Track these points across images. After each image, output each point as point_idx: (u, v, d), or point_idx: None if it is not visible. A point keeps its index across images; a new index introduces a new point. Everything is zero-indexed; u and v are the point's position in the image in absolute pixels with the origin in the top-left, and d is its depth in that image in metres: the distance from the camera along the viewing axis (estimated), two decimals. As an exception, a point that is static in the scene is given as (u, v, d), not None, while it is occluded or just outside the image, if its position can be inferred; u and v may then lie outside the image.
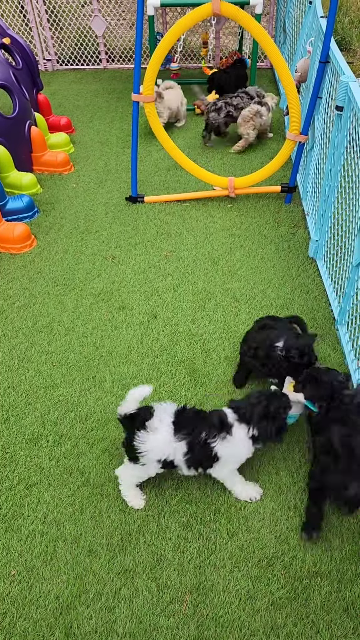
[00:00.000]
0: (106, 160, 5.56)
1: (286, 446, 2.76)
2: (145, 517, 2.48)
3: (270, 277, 3.91)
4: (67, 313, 3.65)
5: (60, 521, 2.48)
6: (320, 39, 4.03)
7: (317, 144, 4.12)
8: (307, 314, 3.57)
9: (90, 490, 2.60)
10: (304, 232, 4.38)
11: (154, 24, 6.07)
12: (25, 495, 2.58)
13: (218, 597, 2.22)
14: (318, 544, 2.37)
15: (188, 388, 3.09)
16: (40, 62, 7.94)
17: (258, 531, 2.42)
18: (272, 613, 2.16)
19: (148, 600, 2.21)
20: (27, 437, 2.85)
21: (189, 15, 3.89)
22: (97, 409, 2.99)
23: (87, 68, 8.10)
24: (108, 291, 3.82)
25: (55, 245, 4.32)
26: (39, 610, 2.19)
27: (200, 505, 2.53)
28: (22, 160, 5.06)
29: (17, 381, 3.17)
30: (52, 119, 5.95)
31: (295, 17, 6.15)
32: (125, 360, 3.28)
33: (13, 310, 3.68)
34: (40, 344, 3.41)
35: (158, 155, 5.55)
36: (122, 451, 2.73)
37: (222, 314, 3.60)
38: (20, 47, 5.34)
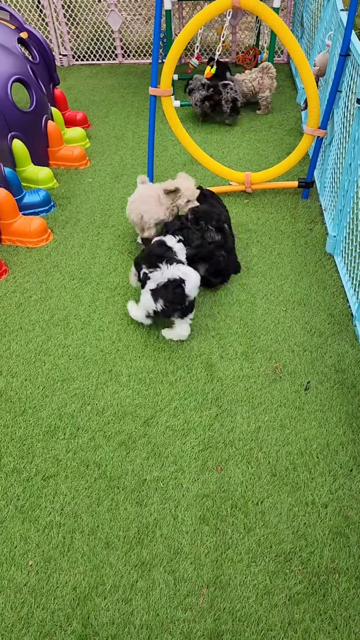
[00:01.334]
0: (122, 155, 5.56)
1: (303, 441, 2.75)
2: (161, 510, 2.49)
3: (287, 273, 3.88)
4: (83, 307, 3.66)
5: (77, 513, 2.49)
6: (340, 33, 3.99)
7: (336, 138, 4.08)
8: (325, 310, 3.54)
9: (106, 482, 2.60)
10: (321, 227, 4.35)
11: (170, 18, 6.04)
12: (43, 487, 2.60)
13: (235, 591, 2.21)
14: (336, 540, 2.35)
15: (205, 383, 3.09)
16: (56, 57, 7.95)
17: (275, 526, 2.41)
18: (290, 608, 2.15)
19: (165, 593, 2.21)
20: (44, 430, 2.86)
21: (207, 9, 3.87)
22: (114, 402, 3.00)
23: (103, 63, 8.10)
24: (124, 285, 3.82)
25: (71, 239, 4.33)
26: (56, 600, 2.20)
27: (216, 500, 2.52)
28: (39, 154, 5.07)
29: (34, 374, 3.18)
30: (68, 113, 5.96)
31: (313, 11, 6.09)
32: (141, 355, 3.28)
33: (30, 303, 3.70)
34: (57, 337, 3.42)
35: (174, 150, 5.54)
36: (138, 443, 2.74)
37: (238, 309, 3.58)
38: (37, 41, 5.35)
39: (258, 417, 2.89)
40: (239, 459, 2.69)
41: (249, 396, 3.01)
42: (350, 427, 2.81)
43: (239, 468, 2.65)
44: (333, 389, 3.03)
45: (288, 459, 2.68)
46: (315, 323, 3.45)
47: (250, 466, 2.65)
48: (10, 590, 2.23)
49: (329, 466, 2.64)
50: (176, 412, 2.93)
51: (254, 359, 3.22)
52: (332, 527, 2.40)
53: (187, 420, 2.89)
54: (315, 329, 3.41)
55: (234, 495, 2.54)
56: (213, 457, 2.70)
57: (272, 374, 3.13)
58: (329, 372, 3.12)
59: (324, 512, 2.46)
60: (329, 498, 2.51)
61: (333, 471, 2.62)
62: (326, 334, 3.37)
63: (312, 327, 3.42)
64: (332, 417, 2.87)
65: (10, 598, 2.21)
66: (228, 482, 2.59)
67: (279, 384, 3.07)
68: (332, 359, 3.20)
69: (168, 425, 2.86)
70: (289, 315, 3.52)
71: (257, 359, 3.23)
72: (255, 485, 2.58)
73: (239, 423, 2.86)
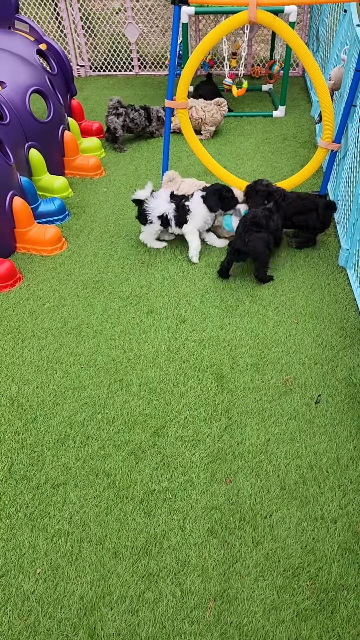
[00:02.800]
0: (136, 165, 5.61)
1: (313, 455, 2.74)
2: (170, 522, 2.48)
3: (299, 285, 3.88)
4: (95, 315, 3.68)
5: (85, 522, 2.50)
6: (355, 47, 4.01)
7: (350, 152, 4.09)
8: (336, 323, 3.53)
9: (115, 492, 2.61)
10: (334, 240, 4.35)
11: (187, 31, 6.11)
12: (52, 495, 2.61)
13: (242, 605, 2.20)
14: (345, 556, 2.34)
15: (215, 394, 3.09)
16: (74, 68, 8.07)
17: (284, 540, 2.40)
18: (297, 624, 2.14)
19: (172, 605, 2.20)
20: (55, 437, 2.88)
21: (225, 23, 3.91)
22: (124, 411, 3.01)
23: (120, 74, 8.20)
24: (137, 295, 3.85)
25: (85, 248, 4.37)
26: (63, 609, 2.20)
27: (225, 512, 2.52)
28: (55, 163, 5.14)
29: (46, 381, 3.21)
30: (85, 124, 6.03)
31: (329, 25, 6.13)
32: (152, 364, 3.30)
33: (43, 311, 3.73)
34: (69, 346, 3.45)
35: (188, 161, 5.58)
36: (148, 453, 2.75)
37: (249, 321, 3.59)
38: (55, 53, 5.43)
39: (268, 430, 2.88)
40: (248, 472, 2.68)
41: (259, 408, 3.01)
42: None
43: (248, 480, 2.64)
44: (344, 402, 3.01)
45: (297, 472, 2.67)
46: (326, 336, 3.45)
47: (260, 479, 2.65)
48: (17, 597, 2.24)
49: (338, 481, 2.62)
50: (186, 423, 2.94)
51: (264, 371, 3.22)
52: (341, 542, 2.38)
53: (196, 431, 2.89)
54: (326, 342, 3.41)
55: (243, 508, 2.53)
56: (222, 469, 2.70)
57: (283, 387, 3.13)
58: (340, 386, 3.11)
59: (333, 527, 2.44)
60: (339, 513, 2.49)
61: (343, 486, 2.60)
62: (337, 347, 3.36)
63: (324, 340, 3.42)
64: (343, 432, 2.86)
65: (18, 606, 2.22)
66: (237, 495, 2.58)
67: (290, 397, 3.06)
68: (343, 372, 3.19)
69: (178, 435, 2.87)
70: (300, 327, 3.52)
71: (268, 371, 3.22)
72: (264, 498, 2.57)
73: (249, 435, 2.86)
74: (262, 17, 3.79)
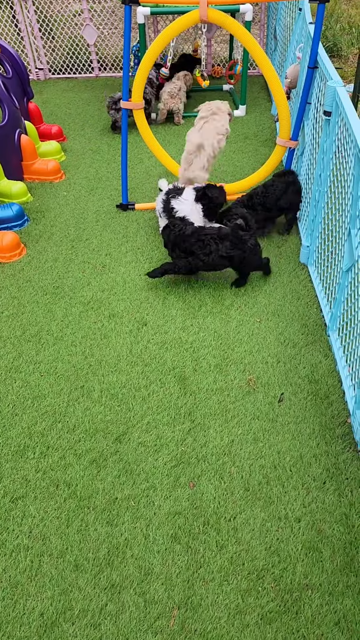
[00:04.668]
0: (97, 168, 5.54)
1: (277, 454, 2.72)
2: (132, 530, 2.43)
3: (262, 284, 3.87)
4: (56, 322, 3.61)
5: (45, 535, 2.43)
6: (309, 45, 4.03)
7: (307, 149, 4.10)
8: (299, 320, 3.53)
9: (76, 502, 2.55)
10: (296, 237, 4.36)
11: (144, 32, 6.07)
12: (11, 509, 2.53)
13: (207, 611, 2.16)
14: (309, 555, 2.32)
15: (178, 397, 3.05)
16: (32, 71, 7.95)
17: (248, 543, 2.37)
18: (262, 628, 2.11)
19: (135, 617, 2.15)
20: (13, 449, 2.80)
21: (176, 22, 3.88)
22: (85, 419, 2.95)
23: (79, 77, 8.11)
24: (98, 299, 3.79)
25: (45, 253, 4.29)
26: (22, 627, 2.13)
27: (189, 517, 2.48)
28: (12, 168, 5.03)
29: (4, 392, 3.12)
30: (43, 127, 5.93)
31: (285, 24, 6.17)
32: (114, 369, 3.24)
33: (1, 319, 3.64)
34: (29, 354, 3.37)
35: (149, 162, 5.54)
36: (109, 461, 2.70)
37: (212, 321, 3.56)
38: (10, 56, 5.32)
39: (231, 431, 2.86)
40: (212, 474, 2.65)
41: (222, 409, 2.98)
42: (323, 438, 2.79)
43: (211, 483, 2.61)
44: (307, 400, 3.01)
45: (261, 472, 2.65)
46: (289, 334, 3.44)
47: (223, 481, 2.62)
48: (-26, 618, 2.16)
49: (302, 479, 2.61)
50: (149, 428, 2.89)
51: (227, 372, 3.20)
52: (305, 541, 2.36)
53: (159, 435, 2.85)
54: (289, 339, 3.40)
55: (207, 512, 2.49)
56: (185, 473, 2.66)
57: (246, 387, 3.11)
58: (303, 383, 3.10)
59: (297, 526, 2.42)
60: (302, 512, 2.47)
61: (306, 484, 2.59)
62: (300, 344, 3.36)
63: (286, 338, 3.41)
64: (306, 429, 2.85)
65: (-25, 627, 2.14)
66: (200, 499, 2.55)
67: (253, 397, 3.04)
68: (305, 369, 3.19)
69: (140, 441, 2.82)
70: (263, 326, 3.51)
71: (231, 372, 3.20)
72: (228, 500, 2.54)
73: (212, 437, 2.83)
74: (212, 15, 3.77)
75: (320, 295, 3.67)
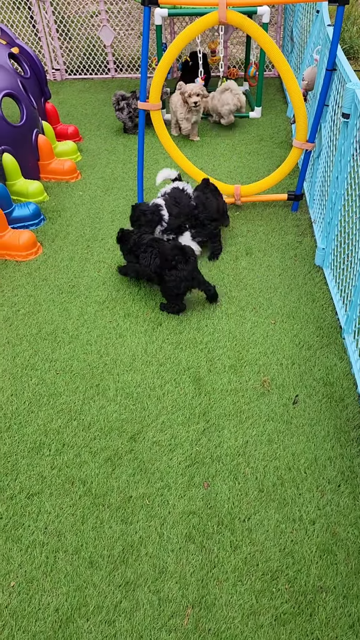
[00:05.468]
0: (113, 168, 5.57)
1: (291, 456, 2.72)
2: (147, 528, 2.45)
3: (277, 285, 3.87)
4: (71, 320, 3.63)
5: (61, 532, 2.45)
6: (327, 47, 4.02)
7: (324, 151, 4.09)
8: (314, 322, 3.53)
9: (91, 500, 2.56)
10: (311, 240, 4.35)
11: (161, 33, 6.09)
12: (26, 505, 2.55)
13: (220, 611, 2.17)
14: (323, 557, 2.32)
15: (192, 397, 3.06)
16: (49, 72, 8.01)
17: (262, 544, 2.38)
18: (276, 629, 2.11)
19: (149, 614, 2.17)
20: (29, 446, 2.83)
21: (195, 24, 3.89)
22: (100, 417, 2.96)
23: (95, 77, 8.15)
24: (113, 299, 3.81)
25: (60, 252, 4.32)
26: (38, 623, 2.15)
27: (203, 517, 2.48)
28: (29, 168, 5.08)
29: (20, 389, 3.15)
30: (60, 127, 5.98)
31: (302, 26, 6.16)
32: (129, 369, 3.26)
33: (18, 317, 3.67)
34: (44, 352, 3.39)
35: (165, 163, 5.55)
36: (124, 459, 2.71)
37: (227, 322, 3.57)
38: (28, 56, 5.37)
39: (246, 432, 2.86)
40: (226, 475, 2.65)
41: (236, 410, 2.98)
42: (338, 441, 2.78)
43: (225, 484, 2.61)
44: (321, 402, 3.00)
45: (276, 474, 2.65)
46: (304, 336, 3.44)
47: (237, 482, 2.62)
48: (-9, 612, 2.19)
49: (316, 481, 2.61)
50: (163, 427, 2.90)
51: (242, 373, 3.20)
52: (319, 544, 2.36)
53: (174, 435, 2.86)
54: (304, 342, 3.40)
55: (221, 512, 2.50)
56: (200, 473, 2.67)
57: (261, 388, 3.11)
58: (318, 386, 3.10)
59: (311, 528, 2.42)
60: (317, 514, 2.47)
61: (321, 486, 2.59)
62: (315, 347, 3.36)
63: (301, 340, 3.41)
64: (321, 431, 2.84)
65: (-9, 620, 2.16)
66: (215, 499, 2.55)
67: (267, 398, 3.04)
68: (320, 372, 3.18)
69: (155, 440, 2.83)
70: (278, 328, 3.51)
71: (246, 373, 3.20)
72: (242, 501, 2.54)
73: (227, 438, 2.84)
74: (232, 17, 3.78)
75: (336, 298, 3.66)
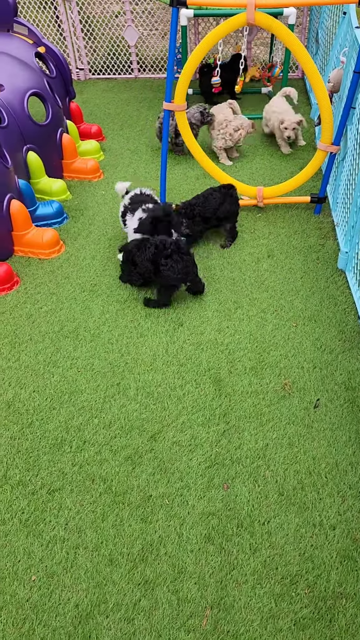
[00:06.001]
0: (135, 168, 5.59)
1: (312, 460, 2.71)
2: (166, 528, 2.46)
3: (298, 288, 3.86)
4: (93, 319, 3.66)
5: (81, 528, 2.47)
6: (354, 50, 3.99)
7: (350, 154, 4.07)
8: (335, 326, 3.51)
9: (112, 498, 2.58)
10: (333, 243, 4.32)
11: (186, 34, 6.10)
12: (48, 500, 2.58)
13: (239, 613, 2.17)
14: (344, 563, 2.30)
15: (213, 398, 3.06)
16: (73, 71, 8.06)
17: (282, 547, 2.37)
18: (295, 633, 2.10)
19: (168, 614, 2.17)
20: (51, 442, 2.85)
21: (222, 25, 3.89)
22: (121, 416, 2.98)
23: (119, 77, 8.18)
24: (134, 298, 3.82)
25: (83, 251, 4.35)
26: (58, 617, 2.17)
27: (222, 518, 2.49)
28: (53, 166, 5.12)
29: (42, 385, 3.18)
30: (83, 126, 6.02)
31: (328, 28, 6.11)
32: (150, 368, 3.27)
33: (40, 314, 3.71)
34: (66, 349, 3.42)
35: (187, 163, 5.56)
36: (144, 458, 2.72)
37: (248, 324, 3.56)
38: (54, 56, 5.42)
39: (266, 435, 2.86)
40: (246, 477, 2.65)
41: (257, 412, 2.98)
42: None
43: (245, 486, 2.61)
44: (343, 407, 2.98)
45: (296, 478, 2.64)
46: (325, 340, 3.42)
47: (257, 485, 2.62)
48: (12, 605, 2.21)
49: (337, 487, 2.59)
50: (183, 428, 2.91)
51: (263, 375, 3.20)
52: (339, 550, 2.35)
53: (194, 435, 2.86)
54: (325, 345, 3.38)
55: (240, 514, 2.50)
56: (219, 475, 2.67)
57: (281, 391, 3.10)
58: (339, 390, 3.08)
59: (331, 534, 2.41)
60: (337, 520, 2.46)
61: (342, 492, 2.57)
62: (336, 350, 3.34)
63: (323, 344, 3.39)
64: (342, 436, 2.83)
65: (12, 614, 2.19)
66: (234, 501, 2.55)
67: (288, 401, 3.03)
68: (342, 376, 3.16)
69: (175, 440, 2.84)
70: (299, 331, 3.49)
71: (266, 375, 3.20)
72: (262, 504, 2.54)
73: (247, 440, 2.83)
74: (260, 19, 3.77)
75: (359, 302, 3.63)
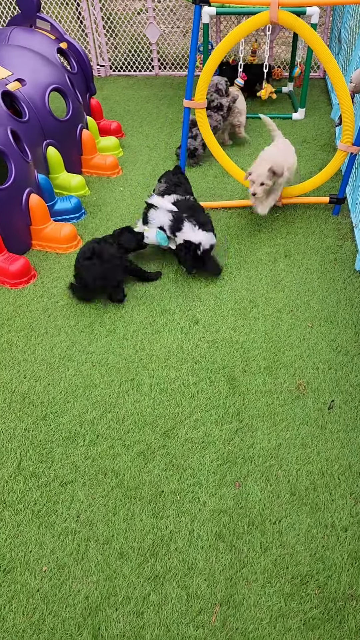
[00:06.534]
0: (154, 164, 5.60)
1: (325, 461, 2.69)
2: (177, 524, 2.46)
3: (315, 289, 3.83)
4: (108, 314, 3.67)
5: (92, 521, 2.48)
6: (378, 49, 3.96)
7: (370, 155, 4.03)
8: (352, 327, 3.48)
9: (124, 492, 2.59)
10: (352, 244, 4.29)
11: (208, 32, 6.10)
12: (60, 493, 2.60)
13: (248, 611, 2.17)
14: (355, 565, 2.29)
15: (226, 396, 3.06)
16: (94, 68, 8.10)
17: (293, 547, 2.36)
18: (304, 633, 2.10)
19: (177, 609, 2.18)
20: (65, 435, 2.87)
21: (245, 23, 3.88)
22: (135, 411, 2.99)
23: (139, 74, 8.21)
24: (150, 295, 3.83)
25: (100, 246, 4.36)
26: (68, 608, 2.19)
27: (233, 516, 2.48)
28: (72, 162, 5.15)
29: (57, 379, 3.20)
30: (103, 123, 6.05)
31: (351, 28, 6.06)
32: (164, 365, 3.28)
33: (56, 309, 3.74)
34: (81, 344, 3.44)
35: (205, 163, 5.55)
36: (157, 454, 2.73)
37: (263, 323, 3.55)
38: (76, 52, 5.45)
39: (279, 434, 2.85)
40: (258, 476, 2.65)
41: (270, 412, 2.97)
42: (374, 449, 2.75)
43: (257, 485, 2.61)
44: (358, 409, 2.96)
45: (308, 478, 2.63)
46: (341, 341, 3.40)
47: (270, 484, 2.61)
48: (23, 595, 2.24)
49: (350, 488, 2.58)
50: (196, 425, 2.91)
51: (277, 375, 3.19)
52: (351, 551, 2.34)
53: (207, 433, 2.86)
54: (341, 346, 3.36)
55: (252, 513, 2.50)
56: (232, 473, 2.67)
57: (296, 391, 3.09)
58: (354, 392, 3.06)
59: (343, 535, 2.40)
60: (349, 521, 2.44)
61: (354, 494, 2.55)
62: (352, 352, 3.31)
63: (338, 345, 3.37)
64: (356, 438, 2.81)
65: (23, 603, 2.21)
66: (246, 499, 2.55)
67: (302, 401, 3.02)
68: (357, 378, 3.14)
69: (188, 437, 2.84)
70: (315, 331, 3.48)
71: (281, 375, 3.19)
72: (273, 503, 2.53)
73: (260, 439, 2.83)
74: (283, 17, 3.75)
75: (376, 304, 3.60)
